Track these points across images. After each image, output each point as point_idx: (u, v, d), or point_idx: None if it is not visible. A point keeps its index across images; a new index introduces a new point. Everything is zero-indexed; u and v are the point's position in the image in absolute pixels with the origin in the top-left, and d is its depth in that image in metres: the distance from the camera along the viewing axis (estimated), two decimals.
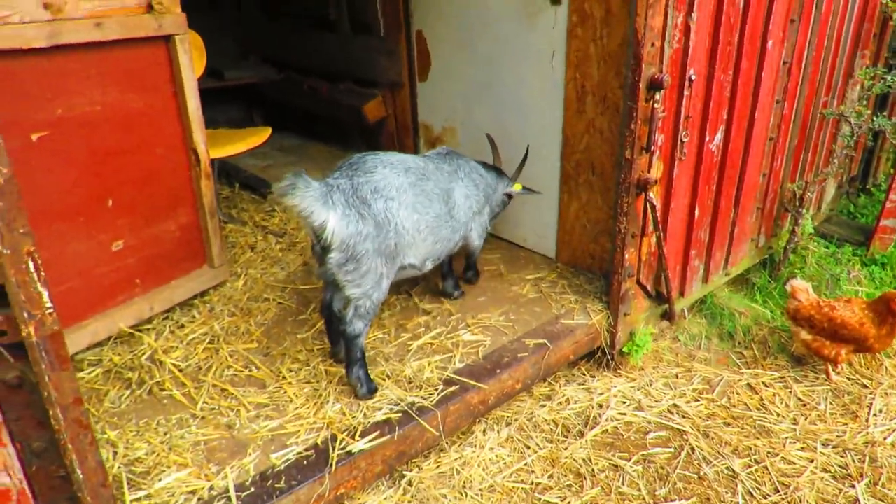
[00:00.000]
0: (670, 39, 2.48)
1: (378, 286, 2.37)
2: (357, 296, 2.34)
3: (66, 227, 2.46)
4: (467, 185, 2.79)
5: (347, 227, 2.23)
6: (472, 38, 3.49)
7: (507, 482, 2.43)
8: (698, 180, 2.92)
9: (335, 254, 2.26)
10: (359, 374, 2.42)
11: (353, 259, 2.27)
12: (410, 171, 2.47)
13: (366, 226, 2.27)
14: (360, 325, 2.38)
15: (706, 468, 2.50)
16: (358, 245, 2.26)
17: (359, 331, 2.38)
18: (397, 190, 2.37)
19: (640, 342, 2.98)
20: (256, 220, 4.06)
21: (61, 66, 2.31)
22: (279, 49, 5.65)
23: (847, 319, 2.81)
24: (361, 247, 2.27)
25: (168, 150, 2.74)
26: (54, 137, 2.35)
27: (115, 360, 2.64)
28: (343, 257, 2.27)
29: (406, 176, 2.44)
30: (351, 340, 2.39)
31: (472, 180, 2.84)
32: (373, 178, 2.33)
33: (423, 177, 2.52)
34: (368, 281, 2.33)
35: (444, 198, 2.62)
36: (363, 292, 2.34)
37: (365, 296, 2.35)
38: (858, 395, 2.90)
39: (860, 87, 3.75)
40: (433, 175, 2.59)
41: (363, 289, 2.34)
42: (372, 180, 2.32)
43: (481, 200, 2.90)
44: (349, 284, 2.32)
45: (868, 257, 3.86)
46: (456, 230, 2.72)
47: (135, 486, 2.03)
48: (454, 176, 2.74)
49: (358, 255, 2.27)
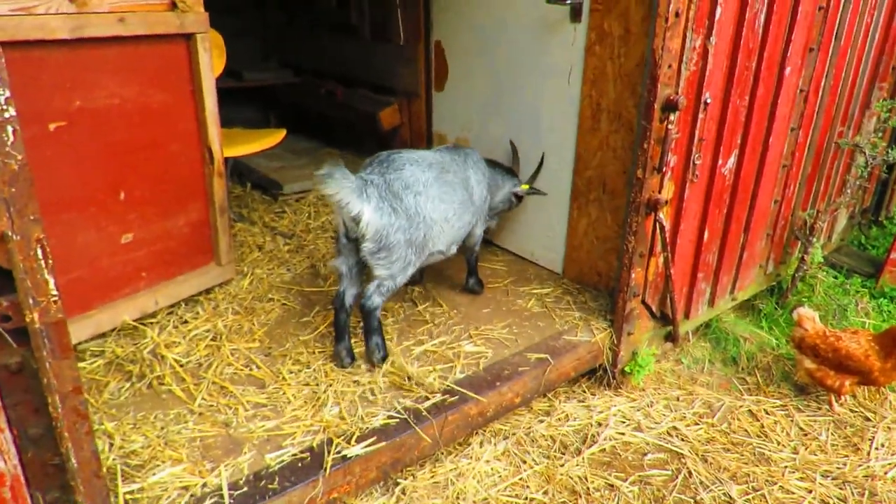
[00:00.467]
0: (687, 62, 2.48)
1: (404, 271, 2.59)
2: (384, 276, 2.56)
3: (76, 218, 2.48)
4: (476, 173, 2.96)
5: (381, 219, 2.44)
6: (490, 51, 3.51)
7: (501, 496, 2.42)
8: (709, 203, 2.91)
9: (369, 243, 2.47)
10: (377, 341, 2.63)
11: (385, 248, 2.49)
12: (433, 167, 2.67)
13: (398, 219, 2.48)
14: (378, 301, 2.58)
15: (703, 493, 2.48)
16: (390, 235, 2.47)
17: (377, 305, 2.58)
18: (424, 185, 2.57)
19: (643, 362, 2.96)
20: (266, 220, 4.08)
21: (83, 58, 2.34)
22: (299, 52, 5.70)
23: (852, 351, 2.79)
24: (393, 237, 2.48)
25: (183, 146, 2.77)
26: (71, 128, 2.38)
27: (118, 351, 2.65)
28: (376, 246, 2.48)
29: (430, 171, 2.63)
30: (370, 312, 2.59)
31: (480, 169, 3.01)
32: (402, 174, 2.53)
33: (444, 170, 2.72)
34: (397, 266, 2.55)
35: (465, 185, 2.82)
36: (390, 274, 2.56)
37: (391, 277, 2.57)
38: (861, 427, 2.87)
39: (876, 119, 3.74)
40: (451, 166, 2.79)
41: (391, 271, 2.55)
42: (402, 177, 2.52)
43: (487, 190, 3.05)
44: (380, 266, 2.53)
45: (877, 290, 3.83)
46: (475, 214, 2.94)
47: (129, 478, 2.04)
48: (467, 164, 2.92)
49: (390, 245, 2.49)
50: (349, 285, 2.63)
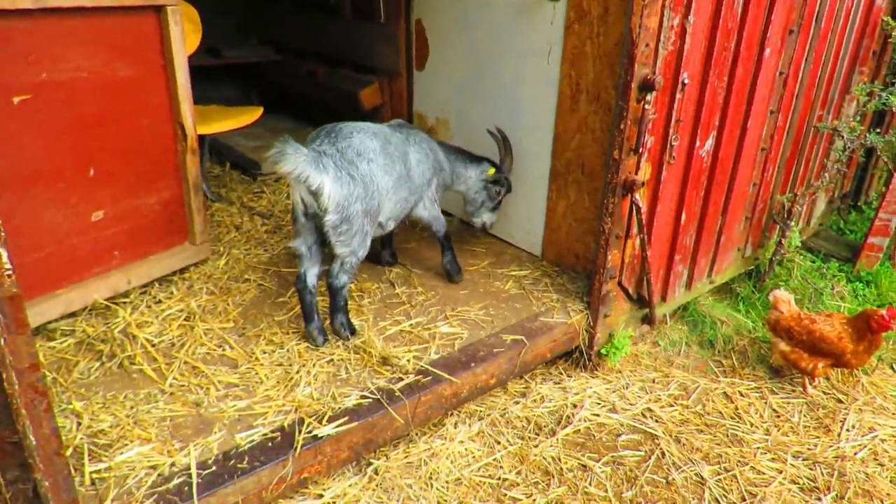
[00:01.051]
0: (665, 41, 2.46)
1: (364, 243, 2.58)
2: (346, 254, 2.54)
3: (44, 194, 2.43)
4: (418, 152, 2.90)
5: (342, 189, 2.40)
6: (470, 30, 3.46)
7: (474, 476, 2.42)
8: (686, 185, 2.91)
9: (331, 216, 2.42)
10: (342, 320, 2.66)
11: (346, 220, 2.45)
12: (377, 136, 2.63)
13: (356, 187, 2.45)
14: (344, 279, 2.59)
15: (675, 473, 2.50)
16: (350, 206, 2.44)
17: (343, 283, 2.60)
18: (374, 153, 2.55)
19: (619, 344, 2.97)
20: (244, 200, 4.04)
21: (47, 29, 2.28)
22: (280, 31, 5.61)
23: (826, 333, 2.81)
24: (353, 207, 2.45)
25: (154, 122, 2.71)
26: (37, 102, 2.32)
27: (88, 331, 2.61)
28: (339, 218, 2.43)
29: (377, 140, 2.61)
30: (337, 291, 2.60)
31: (423, 149, 2.94)
32: (352, 142, 2.50)
33: (386, 141, 2.68)
34: (356, 240, 2.53)
35: (403, 159, 2.77)
36: (351, 250, 2.54)
37: (352, 253, 2.55)
38: (833, 409, 2.90)
39: (856, 103, 3.74)
40: (393, 139, 2.75)
41: (351, 247, 2.53)
42: (353, 144, 2.49)
43: (430, 170, 2.98)
44: (340, 244, 2.50)
45: (854, 274, 3.86)
46: (412, 192, 2.87)
47: (96, 457, 2.01)
48: (407, 141, 2.87)
49: (351, 216, 2.45)
50: (310, 265, 2.61)
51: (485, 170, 3.21)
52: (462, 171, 3.19)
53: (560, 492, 2.37)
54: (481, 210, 3.30)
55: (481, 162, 3.23)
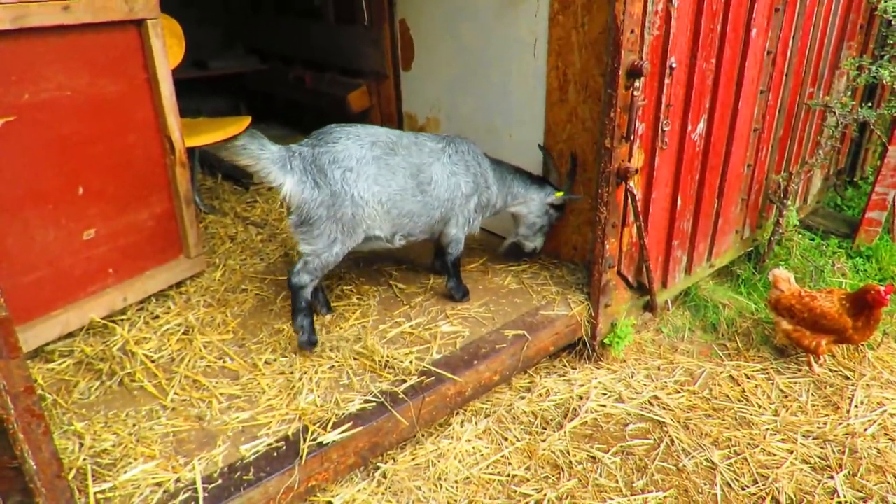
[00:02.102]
0: (650, 26, 2.44)
1: (329, 249, 2.51)
2: (307, 252, 2.51)
3: (34, 215, 2.41)
4: (455, 164, 2.73)
5: (302, 193, 2.39)
6: (454, 27, 3.44)
7: (483, 474, 2.40)
8: (680, 170, 2.89)
9: (293, 216, 2.47)
10: (303, 323, 2.58)
11: (306, 222, 2.45)
12: (377, 145, 2.53)
13: (321, 193, 2.40)
14: (305, 279, 2.54)
15: (685, 460, 2.48)
16: (312, 210, 2.42)
17: (304, 283, 2.54)
18: (358, 161, 2.45)
19: (622, 333, 2.95)
20: (237, 210, 4.02)
21: (28, 49, 2.26)
22: (264, 39, 5.59)
23: (827, 310, 2.79)
24: (315, 212, 2.42)
25: (141, 137, 2.69)
26: (21, 123, 2.30)
27: (87, 350, 2.59)
28: (298, 219, 2.46)
29: (371, 149, 2.50)
30: (296, 291, 2.55)
31: (464, 161, 2.76)
32: (334, 148, 2.44)
33: (390, 151, 2.56)
34: (320, 242, 2.49)
35: (413, 172, 2.60)
36: (313, 250, 2.51)
37: (314, 254, 2.51)
38: (840, 386, 2.88)
39: (846, 78, 3.73)
40: (405, 150, 2.61)
41: (313, 247, 2.50)
42: (332, 150, 2.43)
43: (470, 185, 2.78)
44: (302, 242, 2.51)
45: (853, 249, 3.84)
46: (431, 206, 2.68)
47: (100, 477, 1.99)
48: (438, 153, 2.70)
49: (311, 219, 2.44)
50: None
51: (550, 193, 3.00)
52: (522, 192, 2.98)
53: (570, 485, 2.35)
54: (537, 235, 3.13)
55: (544, 184, 3.01)
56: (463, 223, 2.86)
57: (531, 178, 3.03)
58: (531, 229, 3.10)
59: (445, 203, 2.73)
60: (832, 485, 2.35)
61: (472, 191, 2.81)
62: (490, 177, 2.88)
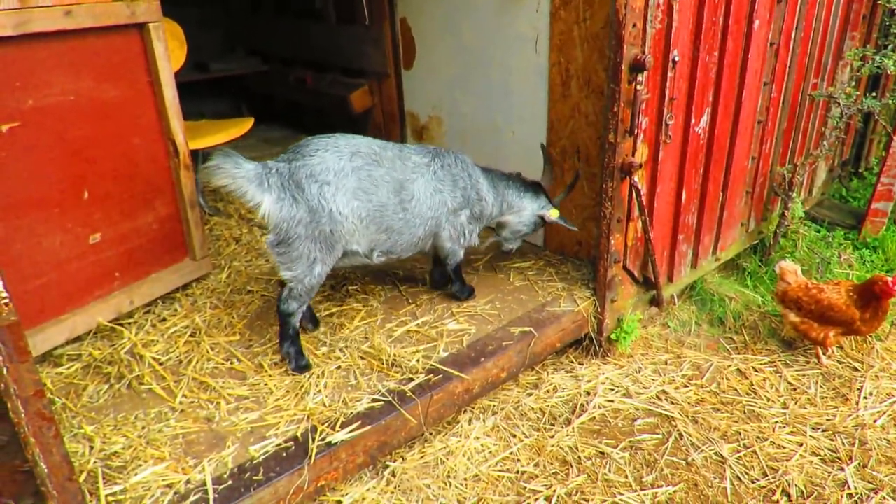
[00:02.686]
0: (652, 20, 2.43)
1: (310, 271, 2.38)
2: (289, 278, 2.40)
3: (40, 220, 2.42)
4: (440, 180, 2.59)
5: (280, 211, 2.27)
6: (455, 25, 3.44)
7: (492, 471, 2.40)
8: (684, 164, 2.88)
9: (270, 235, 2.33)
10: (289, 350, 2.51)
11: (285, 242, 2.32)
12: (358, 156, 2.38)
13: (299, 210, 2.28)
14: (293, 306, 2.45)
15: (694, 454, 2.48)
16: (290, 229, 2.29)
17: (292, 310, 2.45)
18: (335, 174, 2.31)
19: (628, 328, 2.95)
20: (242, 212, 4.02)
21: (31, 55, 2.26)
22: (265, 40, 5.60)
23: (834, 301, 2.78)
24: (293, 231, 2.29)
25: (145, 140, 2.70)
26: (26, 128, 2.30)
27: (95, 354, 2.60)
28: (276, 239, 2.33)
29: (350, 160, 2.36)
30: (284, 318, 2.48)
31: (452, 176, 2.63)
32: (310, 161, 2.30)
33: (373, 162, 2.41)
34: (300, 266, 2.37)
35: (396, 188, 2.47)
36: (294, 276, 2.39)
37: (296, 279, 2.40)
38: (849, 378, 2.87)
39: (850, 69, 3.71)
40: (388, 163, 2.46)
41: (294, 272, 2.38)
42: (309, 164, 2.30)
43: (458, 199, 2.66)
44: (282, 266, 2.38)
45: (859, 241, 3.83)
46: (412, 224, 2.54)
47: (110, 480, 2.00)
48: (422, 168, 2.56)
49: (290, 239, 2.31)
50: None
51: (544, 206, 2.90)
52: (516, 201, 2.87)
53: (579, 481, 2.35)
54: (518, 240, 3.05)
55: (539, 194, 2.92)
56: (457, 236, 2.74)
57: (525, 185, 2.92)
58: (514, 234, 3.00)
59: (429, 221, 2.60)
60: (842, 477, 2.35)
61: (461, 205, 2.68)
62: (483, 188, 2.76)
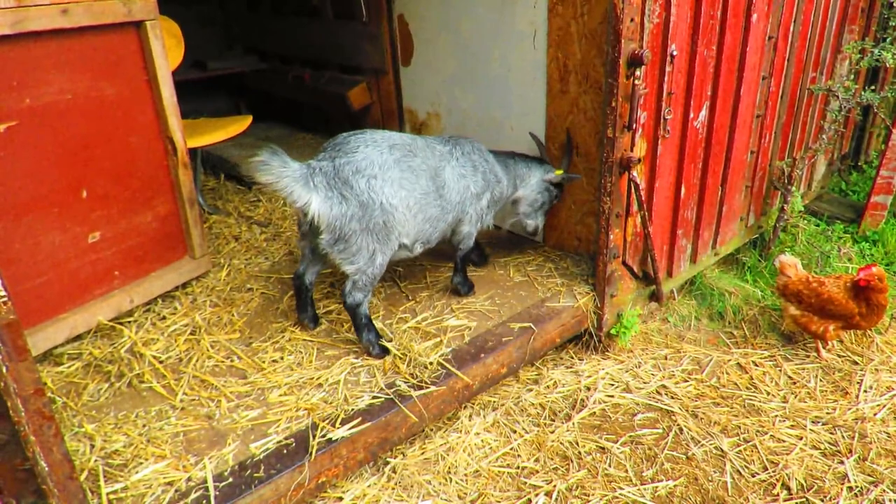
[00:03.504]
0: (650, 14, 2.43)
1: (372, 262, 2.44)
2: (352, 271, 2.44)
3: (39, 220, 2.42)
4: (463, 166, 2.70)
5: (331, 210, 2.30)
6: (453, 21, 3.43)
7: (492, 467, 2.40)
8: (683, 158, 2.88)
9: (325, 235, 2.35)
10: (368, 337, 2.56)
11: (342, 239, 2.36)
12: (395, 148, 2.45)
13: (349, 207, 2.32)
14: (359, 297, 2.50)
15: (694, 448, 2.48)
16: (344, 226, 2.33)
17: (358, 301, 2.50)
18: (380, 167, 2.37)
19: (628, 323, 2.95)
20: (241, 210, 4.02)
21: (27, 54, 2.26)
22: (263, 38, 5.59)
23: (834, 295, 2.78)
24: (348, 227, 2.33)
25: (143, 139, 2.69)
26: (24, 127, 2.30)
27: (95, 353, 2.60)
28: (332, 238, 2.36)
29: (391, 153, 2.42)
30: (353, 311, 2.53)
31: (471, 162, 2.74)
32: (354, 157, 2.34)
33: (409, 153, 2.49)
34: (361, 258, 2.41)
35: (433, 175, 2.56)
36: (357, 268, 2.44)
37: (360, 271, 2.45)
38: (849, 371, 2.87)
39: (848, 62, 3.70)
40: (421, 152, 2.55)
41: (357, 265, 2.43)
42: (353, 160, 2.34)
43: (479, 184, 2.76)
44: (343, 262, 2.42)
45: (859, 234, 3.83)
46: (446, 210, 2.65)
47: (111, 478, 2.00)
48: (447, 156, 2.67)
49: (346, 236, 2.35)
50: (310, 265, 2.66)
51: (549, 170, 3.01)
52: (525, 172, 2.99)
53: (580, 476, 2.36)
54: (538, 213, 3.09)
55: (542, 163, 3.04)
56: (476, 220, 2.85)
57: (528, 158, 3.05)
58: (532, 206, 3.06)
59: (457, 206, 2.70)
60: (842, 470, 2.35)
61: (483, 189, 2.79)
62: (498, 171, 2.88)
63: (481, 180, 2.77)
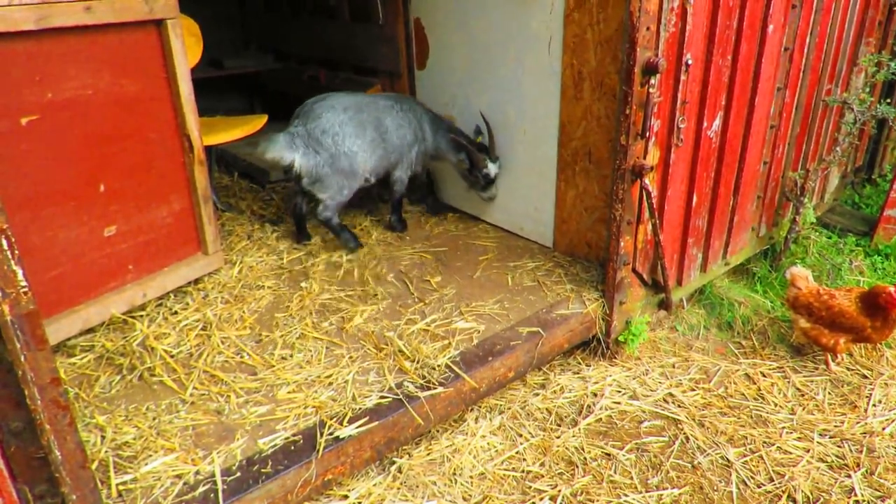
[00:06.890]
0: (666, 23, 2.43)
1: (339, 193, 3.34)
2: (324, 197, 3.32)
3: (56, 212, 2.45)
4: (400, 118, 3.49)
5: (308, 162, 3.22)
6: (469, 25, 3.45)
7: (497, 470, 2.41)
8: (696, 167, 2.88)
9: (305, 179, 3.27)
10: (344, 236, 3.43)
11: (317, 181, 3.27)
12: (348, 108, 3.29)
13: (321, 157, 3.22)
14: (328, 214, 3.36)
15: (700, 457, 2.48)
16: (318, 171, 3.24)
17: (328, 217, 3.36)
18: (340, 125, 3.23)
19: (636, 331, 2.95)
20: (254, 208, 4.06)
21: (51, 49, 2.29)
22: (279, 38, 5.63)
23: (845, 308, 2.77)
24: (321, 171, 3.24)
25: (161, 135, 2.73)
26: (44, 122, 2.34)
27: (108, 345, 2.64)
28: (310, 181, 3.28)
29: (345, 113, 3.27)
30: (327, 223, 3.39)
31: (408, 118, 3.52)
32: (320, 122, 3.22)
33: (358, 110, 3.32)
34: (331, 190, 3.31)
35: (376, 125, 3.38)
36: (328, 195, 3.32)
37: (330, 198, 3.33)
38: (858, 385, 2.86)
39: (864, 75, 3.69)
40: (367, 108, 3.38)
41: (328, 193, 3.32)
42: (320, 124, 3.22)
43: (410, 135, 3.53)
44: (319, 192, 3.31)
45: (871, 248, 3.81)
46: (389, 151, 3.48)
47: (121, 469, 2.03)
48: (388, 109, 3.47)
49: (321, 177, 3.26)
50: (302, 199, 3.51)
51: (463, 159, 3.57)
52: (444, 149, 3.66)
53: (585, 481, 2.36)
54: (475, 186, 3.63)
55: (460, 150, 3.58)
56: (407, 167, 3.63)
57: (455, 141, 3.56)
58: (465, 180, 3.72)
59: (397, 149, 3.51)
60: (849, 483, 2.34)
61: (413, 141, 3.57)
62: (427, 130, 3.62)
63: (412, 134, 3.54)
